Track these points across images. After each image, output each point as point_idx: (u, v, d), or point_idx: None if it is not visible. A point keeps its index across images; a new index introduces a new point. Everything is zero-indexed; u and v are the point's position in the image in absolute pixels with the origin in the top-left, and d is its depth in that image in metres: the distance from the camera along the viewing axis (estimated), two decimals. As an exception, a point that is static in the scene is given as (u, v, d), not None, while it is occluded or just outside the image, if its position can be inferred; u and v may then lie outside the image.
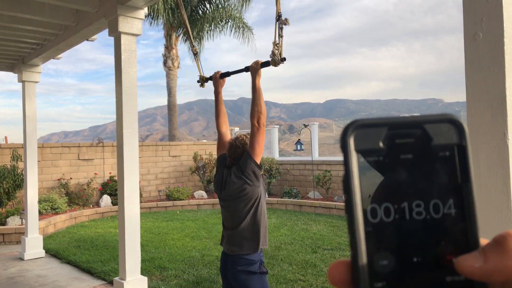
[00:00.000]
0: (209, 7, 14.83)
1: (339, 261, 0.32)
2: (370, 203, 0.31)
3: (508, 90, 1.45)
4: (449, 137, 0.32)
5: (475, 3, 1.52)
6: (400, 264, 0.31)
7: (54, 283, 5.08)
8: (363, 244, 0.31)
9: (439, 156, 0.32)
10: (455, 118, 0.32)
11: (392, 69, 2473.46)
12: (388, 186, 0.32)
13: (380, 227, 0.31)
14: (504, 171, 1.45)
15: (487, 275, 0.29)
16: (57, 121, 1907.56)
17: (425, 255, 0.31)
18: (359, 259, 0.30)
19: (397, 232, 0.31)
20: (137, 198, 3.93)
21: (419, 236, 0.31)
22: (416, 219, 0.31)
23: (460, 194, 0.32)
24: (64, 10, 4.40)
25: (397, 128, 0.32)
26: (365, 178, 0.32)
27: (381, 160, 0.32)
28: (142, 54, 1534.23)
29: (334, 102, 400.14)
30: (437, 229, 0.31)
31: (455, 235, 0.31)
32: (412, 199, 0.32)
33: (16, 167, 8.07)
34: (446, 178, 0.32)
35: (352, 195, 0.31)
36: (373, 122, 0.32)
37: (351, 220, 0.31)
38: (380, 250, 0.31)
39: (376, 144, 0.32)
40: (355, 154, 0.32)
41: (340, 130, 0.33)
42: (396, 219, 0.31)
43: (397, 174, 0.32)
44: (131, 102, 3.89)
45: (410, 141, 0.32)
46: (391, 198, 0.32)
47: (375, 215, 0.31)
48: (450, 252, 0.31)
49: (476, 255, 0.30)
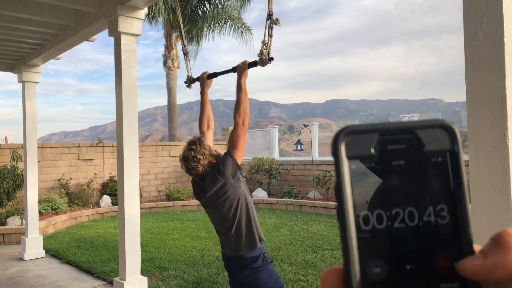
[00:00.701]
0: (208, 7, 14.83)
1: (331, 269, 0.32)
2: (362, 210, 0.31)
3: (508, 90, 1.45)
4: (441, 143, 0.32)
5: (475, 3, 1.52)
6: (393, 272, 0.31)
7: (54, 283, 5.08)
8: (356, 251, 0.30)
9: (431, 162, 0.32)
10: (447, 123, 0.32)
11: (392, 69, 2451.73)
12: (380, 193, 0.32)
13: (372, 234, 0.31)
14: (504, 171, 1.45)
15: (488, 271, 0.29)
16: (57, 121, 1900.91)
17: (418, 262, 0.31)
18: (352, 267, 0.30)
19: (390, 239, 0.31)
20: (137, 198, 3.93)
21: (412, 243, 0.31)
22: (409, 225, 0.31)
23: (453, 200, 0.32)
24: (64, 10, 4.40)
25: (388, 134, 0.32)
26: (357, 185, 0.31)
27: (373, 167, 0.32)
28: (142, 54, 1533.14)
29: (334, 102, 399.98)
30: (430, 236, 0.31)
31: (448, 242, 0.31)
32: (405, 206, 0.31)
33: (16, 167, 8.07)
34: (439, 184, 0.32)
35: (344, 202, 0.31)
36: (364, 128, 0.32)
37: (343, 227, 0.31)
38: (373, 258, 0.31)
39: (368, 151, 0.32)
40: (346, 161, 0.31)
41: (336, 130, 0.33)
42: (389, 226, 0.31)
43: (389, 180, 0.32)
44: (131, 102, 3.89)
45: (402, 147, 0.32)
46: (383, 205, 0.31)
47: (368, 222, 0.31)
48: (443, 258, 0.31)
49: (476, 255, 0.30)
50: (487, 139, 1.49)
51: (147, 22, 15.00)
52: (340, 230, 0.31)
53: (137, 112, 4.03)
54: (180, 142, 12.75)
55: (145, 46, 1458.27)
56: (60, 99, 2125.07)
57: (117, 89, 3.92)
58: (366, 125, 0.32)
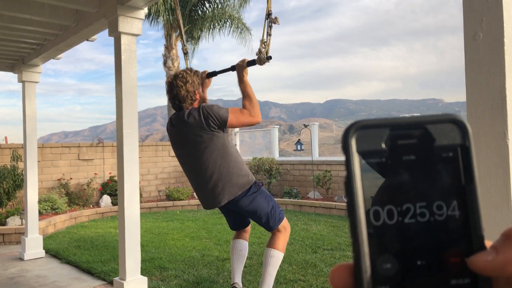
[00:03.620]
0: (208, 7, 14.83)
1: (341, 264, 0.31)
2: (372, 205, 0.31)
3: (508, 90, 1.45)
4: (452, 138, 0.32)
5: (475, 3, 1.52)
6: (404, 268, 0.30)
7: (54, 283, 5.08)
8: (366, 247, 0.30)
9: (442, 157, 0.32)
10: (458, 118, 0.32)
11: (393, 69, 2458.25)
12: (391, 188, 0.31)
13: (383, 229, 0.31)
14: (504, 171, 1.45)
15: (500, 267, 0.29)
16: (56, 121, 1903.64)
17: (429, 258, 0.31)
18: (362, 262, 0.30)
19: (400, 235, 0.31)
20: (137, 198, 3.93)
21: (423, 239, 0.31)
22: (420, 221, 0.31)
23: (464, 196, 0.31)
24: (64, 10, 4.40)
25: (399, 129, 0.32)
26: (368, 180, 0.31)
27: (384, 162, 0.31)
28: (142, 54, 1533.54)
29: (334, 102, 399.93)
30: (441, 232, 0.31)
31: (459, 237, 0.31)
32: (415, 201, 0.31)
33: (16, 167, 8.07)
34: (450, 179, 0.31)
35: (355, 197, 0.31)
36: (375, 123, 0.32)
37: (353, 222, 0.31)
38: (383, 253, 0.31)
39: (378, 145, 0.31)
40: (357, 156, 0.31)
41: (341, 130, 0.32)
42: (399, 222, 0.31)
43: (399, 175, 0.31)
44: (131, 102, 3.89)
45: (413, 142, 0.32)
46: (393, 200, 0.31)
47: (378, 217, 0.31)
48: (454, 254, 0.31)
49: (488, 251, 0.30)
50: (487, 139, 1.48)
51: (147, 22, 15.01)
52: (350, 225, 0.31)
53: (137, 112, 4.03)
54: (180, 142, 12.75)
55: (145, 46, 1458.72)
56: (60, 99, 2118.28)
57: (117, 89, 3.93)
58: (376, 120, 0.32)
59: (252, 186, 2.75)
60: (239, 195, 2.68)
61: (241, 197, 2.69)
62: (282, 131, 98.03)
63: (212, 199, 2.73)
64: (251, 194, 2.72)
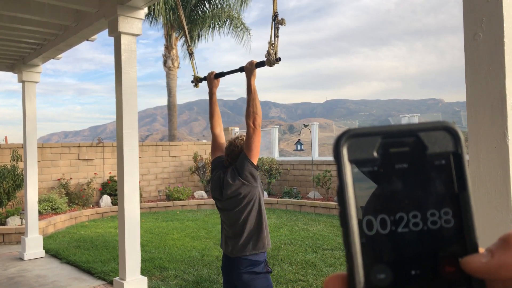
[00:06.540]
0: (208, 7, 14.83)
1: (335, 274, 0.31)
2: (365, 215, 0.31)
3: (508, 90, 1.45)
4: (444, 145, 0.31)
5: (475, 3, 1.52)
6: (398, 277, 0.30)
7: (54, 283, 5.08)
8: (360, 257, 0.30)
9: (434, 165, 0.31)
10: (450, 125, 0.32)
11: (393, 69, 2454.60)
12: (384, 197, 0.31)
13: (376, 239, 0.30)
14: (504, 171, 1.45)
15: (494, 270, 0.29)
16: (56, 121, 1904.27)
17: (423, 267, 0.30)
18: (356, 273, 0.30)
19: (394, 244, 0.30)
20: (137, 198, 3.93)
21: (417, 248, 0.31)
22: (413, 230, 0.31)
23: (457, 203, 0.31)
24: (64, 10, 4.40)
25: (391, 137, 0.31)
26: (360, 189, 0.31)
27: (376, 170, 0.31)
28: (142, 54, 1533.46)
29: (334, 102, 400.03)
30: (435, 240, 0.31)
31: (453, 246, 0.31)
32: (409, 210, 0.31)
33: (16, 167, 8.07)
34: (443, 187, 0.31)
35: (347, 207, 0.30)
36: (367, 131, 0.31)
37: (346, 232, 0.30)
38: (377, 263, 0.30)
39: (370, 154, 0.31)
40: (349, 165, 0.31)
41: (341, 130, 0.32)
42: (393, 231, 0.31)
43: (392, 184, 0.31)
44: (131, 102, 3.89)
45: (405, 150, 0.31)
46: (386, 209, 0.31)
47: (371, 227, 0.30)
48: (449, 263, 0.30)
49: (483, 253, 0.30)
50: (487, 139, 1.48)
51: (147, 22, 15.00)
52: (343, 235, 0.30)
53: (137, 112, 4.03)
54: (180, 142, 12.75)
55: (145, 46, 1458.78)
56: (60, 99, 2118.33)
57: (117, 89, 3.93)
58: (368, 128, 0.31)
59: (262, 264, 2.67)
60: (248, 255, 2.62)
61: (245, 267, 2.61)
62: (282, 131, 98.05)
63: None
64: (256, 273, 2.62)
